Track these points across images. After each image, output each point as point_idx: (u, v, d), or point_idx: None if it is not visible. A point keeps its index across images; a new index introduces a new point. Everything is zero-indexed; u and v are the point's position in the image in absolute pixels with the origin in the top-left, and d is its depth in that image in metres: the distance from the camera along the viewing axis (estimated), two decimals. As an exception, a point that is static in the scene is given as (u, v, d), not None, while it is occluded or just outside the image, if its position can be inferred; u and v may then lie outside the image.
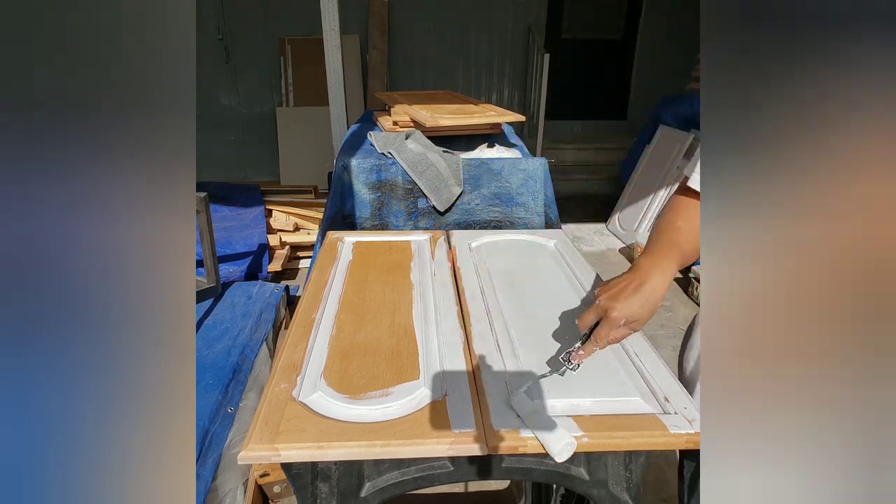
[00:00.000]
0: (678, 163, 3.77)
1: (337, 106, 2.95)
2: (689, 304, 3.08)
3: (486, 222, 1.67)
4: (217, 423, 1.54)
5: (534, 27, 5.05)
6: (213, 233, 2.05)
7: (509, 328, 0.95)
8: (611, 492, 0.79)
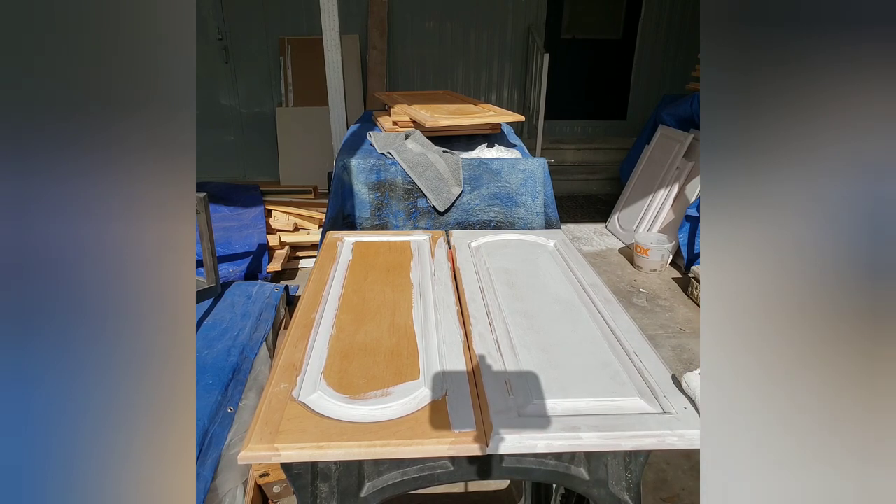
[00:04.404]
0: (678, 163, 3.77)
1: (337, 106, 2.95)
2: (688, 303, 3.08)
3: (486, 222, 1.67)
4: (217, 423, 1.54)
5: (534, 27, 5.05)
6: (212, 233, 2.05)
7: (509, 328, 0.95)
8: (611, 491, 0.80)
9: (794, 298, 0.45)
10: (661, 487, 1.78)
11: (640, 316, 2.95)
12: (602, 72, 5.54)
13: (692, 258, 3.34)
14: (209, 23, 4.76)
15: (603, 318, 0.98)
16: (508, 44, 5.22)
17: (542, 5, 5.13)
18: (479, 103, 2.03)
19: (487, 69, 5.32)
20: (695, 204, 3.40)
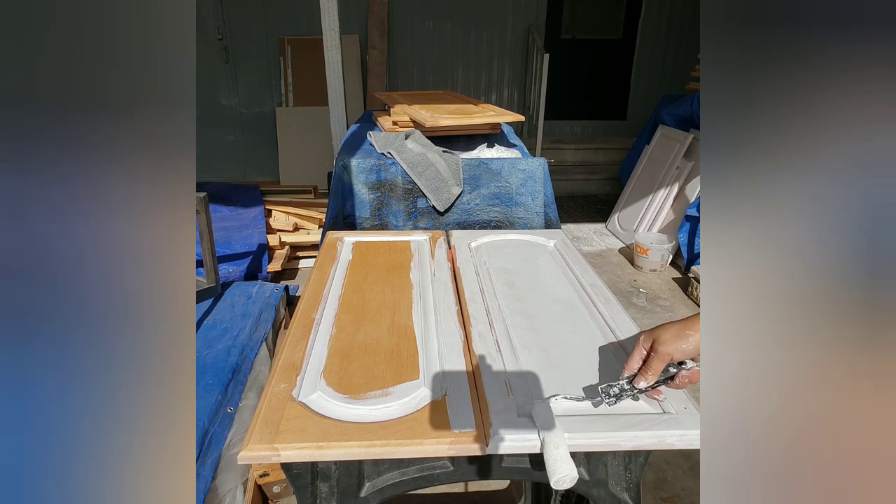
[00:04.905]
0: (678, 163, 3.77)
1: (336, 106, 2.95)
2: (688, 303, 3.08)
3: (486, 222, 1.67)
4: (217, 423, 1.54)
5: (533, 27, 5.06)
6: (212, 233, 2.05)
7: (509, 328, 0.95)
8: (611, 492, 0.80)
9: (794, 298, 0.45)
10: (661, 487, 1.78)
11: (640, 316, 2.95)
12: (602, 72, 5.54)
13: (692, 258, 3.34)
14: (209, 23, 4.76)
15: (603, 319, 0.98)
16: (508, 44, 5.22)
17: (542, 5, 5.13)
18: (479, 103, 2.03)
19: (487, 69, 5.32)
20: (695, 204, 3.40)
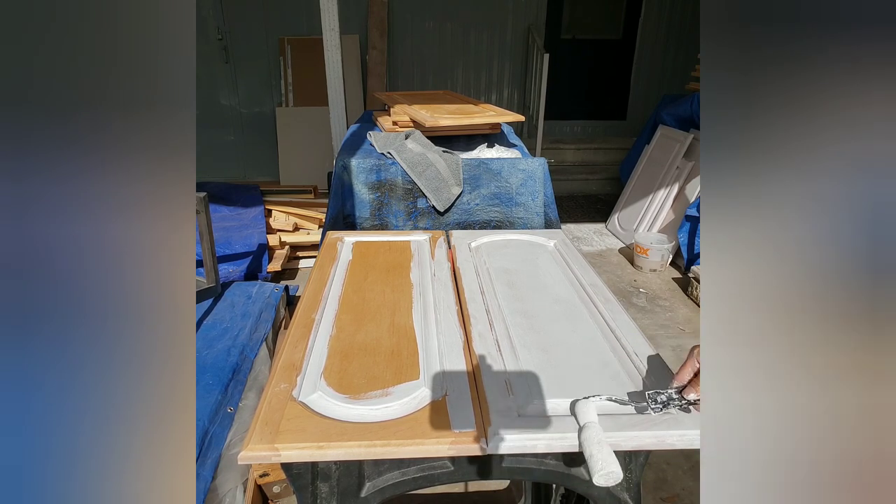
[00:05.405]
0: (678, 163, 3.77)
1: (337, 106, 2.95)
2: (688, 303, 3.08)
3: (486, 222, 1.67)
4: (217, 423, 1.54)
5: (533, 27, 5.06)
6: (212, 233, 2.05)
7: (509, 328, 0.95)
8: (611, 492, 0.80)
9: (794, 298, 0.45)
10: (661, 487, 1.78)
11: (640, 316, 2.95)
12: (602, 72, 5.54)
13: (692, 258, 3.34)
14: (209, 23, 4.76)
15: (603, 318, 0.98)
16: (508, 44, 5.22)
17: (542, 5, 5.13)
18: (479, 103, 2.03)
19: (487, 69, 5.32)
20: (695, 204, 3.40)
